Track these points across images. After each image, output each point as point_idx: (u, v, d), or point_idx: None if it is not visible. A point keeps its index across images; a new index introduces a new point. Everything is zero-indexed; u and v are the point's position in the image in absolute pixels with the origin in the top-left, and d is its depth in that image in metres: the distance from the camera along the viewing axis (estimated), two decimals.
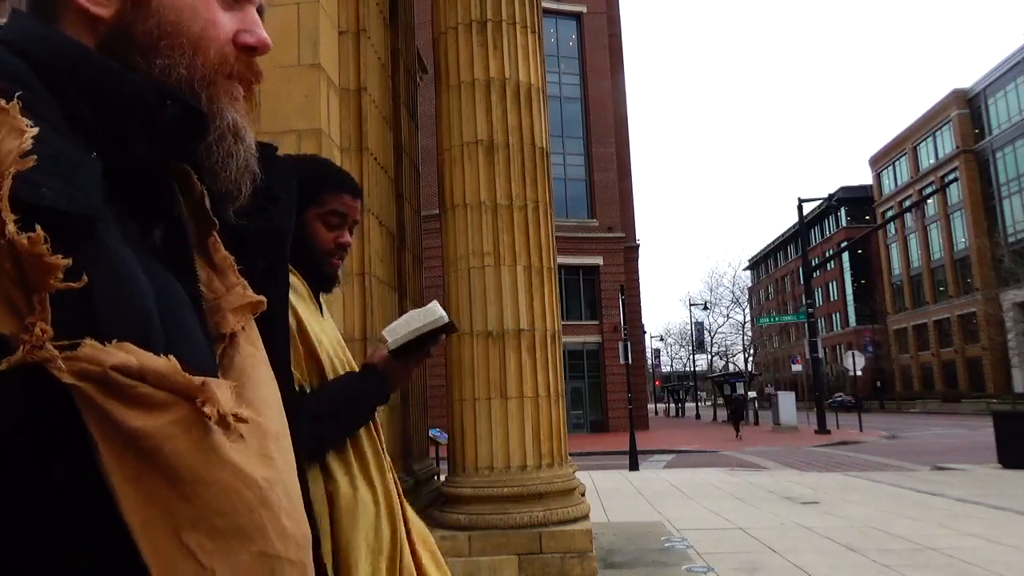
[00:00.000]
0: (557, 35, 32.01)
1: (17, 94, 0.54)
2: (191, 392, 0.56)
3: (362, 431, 1.56)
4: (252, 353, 0.70)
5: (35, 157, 0.51)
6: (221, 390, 0.60)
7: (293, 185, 0.93)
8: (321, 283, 1.64)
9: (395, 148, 5.86)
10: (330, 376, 1.54)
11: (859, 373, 27.07)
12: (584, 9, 32.64)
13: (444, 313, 1.63)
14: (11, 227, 0.49)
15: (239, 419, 0.60)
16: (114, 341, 0.53)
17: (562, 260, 12.64)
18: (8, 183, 0.49)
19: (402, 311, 5.72)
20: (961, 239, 48.35)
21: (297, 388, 1.45)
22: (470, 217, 5.44)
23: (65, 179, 0.53)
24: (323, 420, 1.44)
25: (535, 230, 5.49)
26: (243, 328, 0.71)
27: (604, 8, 33.42)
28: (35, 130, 0.52)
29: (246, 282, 0.73)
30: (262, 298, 0.73)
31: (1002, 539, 6.66)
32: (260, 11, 0.75)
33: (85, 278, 0.52)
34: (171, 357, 0.56)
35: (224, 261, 0.73)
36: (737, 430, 26.77)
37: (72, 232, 0.52)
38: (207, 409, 0.56)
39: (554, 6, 31.13)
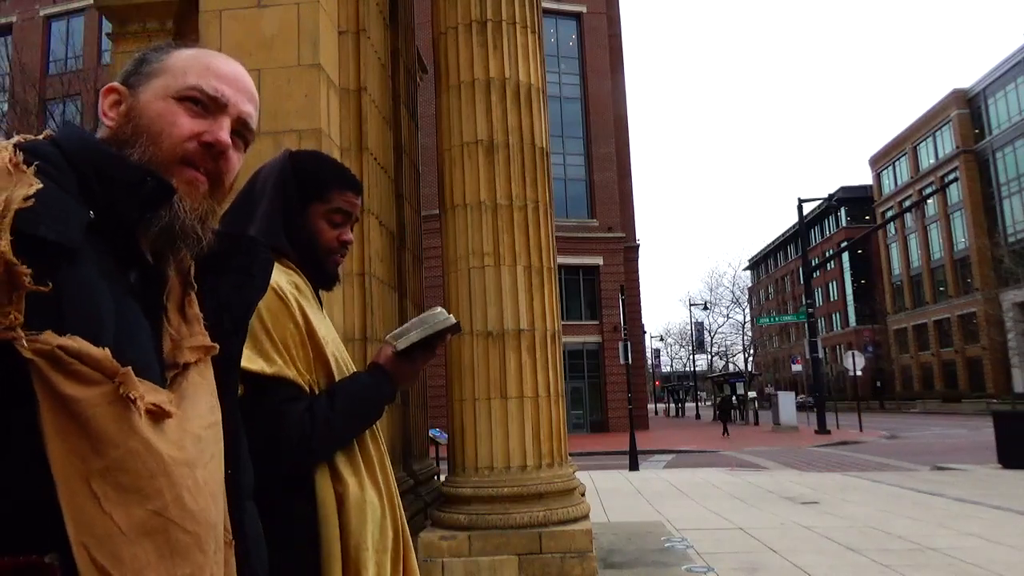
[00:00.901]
0: (557, 35, 32.01)
1: (35, 163, 0.79)
2: (114, 374, 0.76)
3: (367, 431, 1.56)
4: (199, 382, 0.91)
5: (35, 201, 0.75)
6: (144, 384, 0.80)
7: (269, 270, 1.16)
8: (323, 281, 1.64)
9: (395, 148, 5.87)
10: (336, 376, 1.54)
11: (859, 373, 27.06)
12: (584, 9, 32.64)
13: (450, 315, 1.65)
14: (4, 243, 0.71)
15: (159, 409, 0.80)
16: (67, 334, 0.74)
17: (562, 260, 12.64)
18: (12, 215, 0.72)
19: (402, 311, 5.72)
20: (961, 239, 48.36)
21: (307, 389, 1.47)
22: (470, 217, 5.44)
23: (57, 220, 0.76)
24: (336, 420, 1.45)
25: (535, 230, 5.48)
26: (196, 363, 0.92)
27: (604, 8, 33.42)
28: (40, 185, 0.76)
29: (208, 334, 0.96)
30: (215, 345, 0.96)
31: (1002, 539, 6.66)
32: (246, 127, 1.02)
33: (50, 284, 0.73)
34: (106, 348, 0.76)
35: (194, 316, 0.96)
36: (725, 429, 28.07)
37: (57, 256, 0.75)
38: (122, 389, 0.76)
39: (554, 6, 31.13)
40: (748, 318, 60.11)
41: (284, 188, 1.59)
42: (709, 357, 63.75)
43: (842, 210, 62.01)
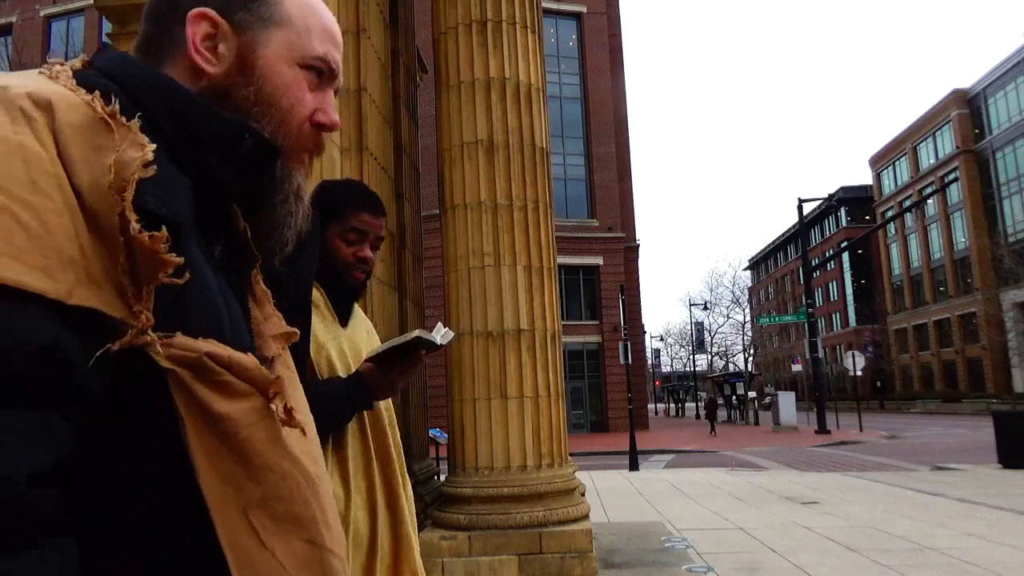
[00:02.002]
0: (557, 35, 32.00)
1: (138, 114, 0.64)
2: (266, 385, 0.65)
3: (349, 436, 1.60)
4: (288, 376, 0.78)
5: (155, 168, 0.61)
6: (289, 391, 0.69)
7: (317, 235, 1.06)
8: (343, 293, 1.76)
9: (395, 148, 5.87)
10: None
11: (859, 373, 27.06)
12: (584, 9, 32.63)
13: (436, 329, 1.64)
14: (135, 227, 0.58)
15: (299, 423, 0.69)
16: (199, 337, 0.62)
17: (562, 260, 12.64)
18: (133, 188, 0.59)
19: (402, 311, 5.72)
20: (961, 239, 48.34)
21: None
22: (470, 217, 5.44)
23: (164, 190, 0.63)
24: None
25: (535, 230, 5.48)
26: (281, 353, 0.80)
27: (604, 8, 33.41)
28: (154, 145, 0.62)
29: (280, 314, 0.82)
30: (296, 330, 0.82)
31: (1002, 539, 6.66)
32: (336, 91, 0.85)
33: (188, 275, 0.61)
34: (250, 354, 0.65)
35: (263, 294, 0.82)
36: (712, 427, 29.61)
37: (171, 237, 0.61)
38: (276, 403, 0.66)
39: (554, 6, 31.12)
40: (748, 318, 60.12)
41: None
42: (709, 357, 63.75)
43: (842, 210, 61.97)
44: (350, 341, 1.73)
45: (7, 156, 0.56)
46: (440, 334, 1.62)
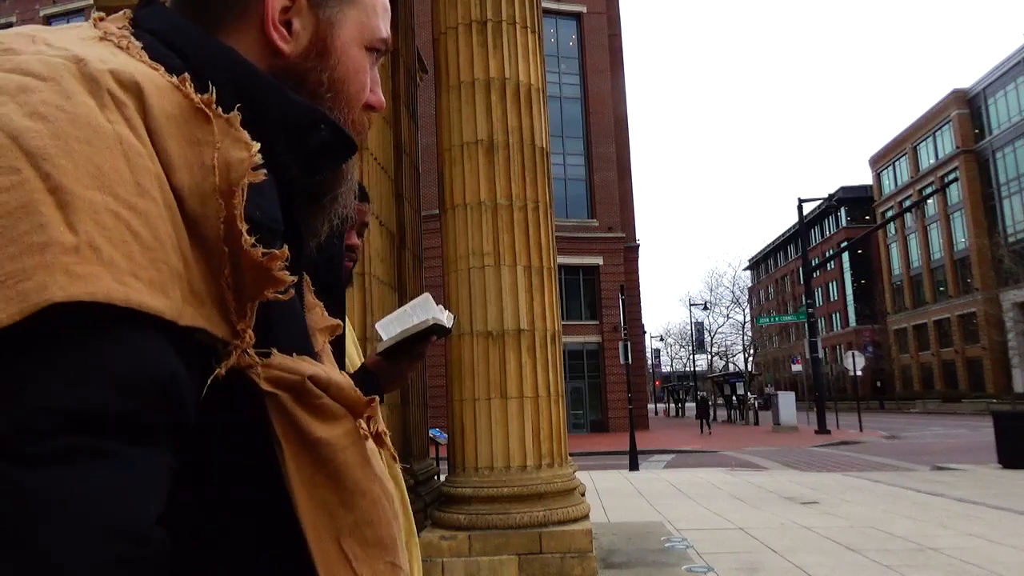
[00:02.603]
0: (557, 35, 31.99)
1: (237, 106, 0.56)
2: (362, 408, 0.61)
3: None
4: (336, 373, 0.74)
5: (265, 171, 0.54)
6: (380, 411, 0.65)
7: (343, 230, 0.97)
8: (332, 286, 1.66)
9: (395, 148, 5.87)
10: None
11: (859, 373, 27.06)
12: (584, 9, 32.63)
13: (438, 311, 1.56)
14: (248, 239, 0.52)
15: (384, 443, 0.65)
16: (293, 354, 0.57)
17: (562, 260, 12.64)
18: (244, 194, 0.52)
19: None
20: (961, 239, 48.34)
21: None
22: (470, 217, 5.44)
23: (262, 195, 0.55)
24: None
25: (535, 230, 5.48)
26: (323, 347, 0.74)
27: (604, 8, 33.41)
28: (258, 144, 0.54)
29: (321, 303, 0.77)
30: (339, 322, 0.77)
31: (1002, 539, 6.66)
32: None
33: (291, 291, 0.55)
34: (345, 374, 0.61)
35: (305, 283, 0.74)
36: (702, 427, 30.53)
37: (267, 247, 0.54)
38: (369, 425, 0.62)
39: (554, 6, 31.12)
40: (748, 318, 60.08)
41: None
42: (709, 357, 63.70)
43: (842, 210, 61.98)
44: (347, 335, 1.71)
45: (106, 151, 0.47)
46: (445, 315, 1.55)
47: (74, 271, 0.44)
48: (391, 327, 1.58)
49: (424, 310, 1.55)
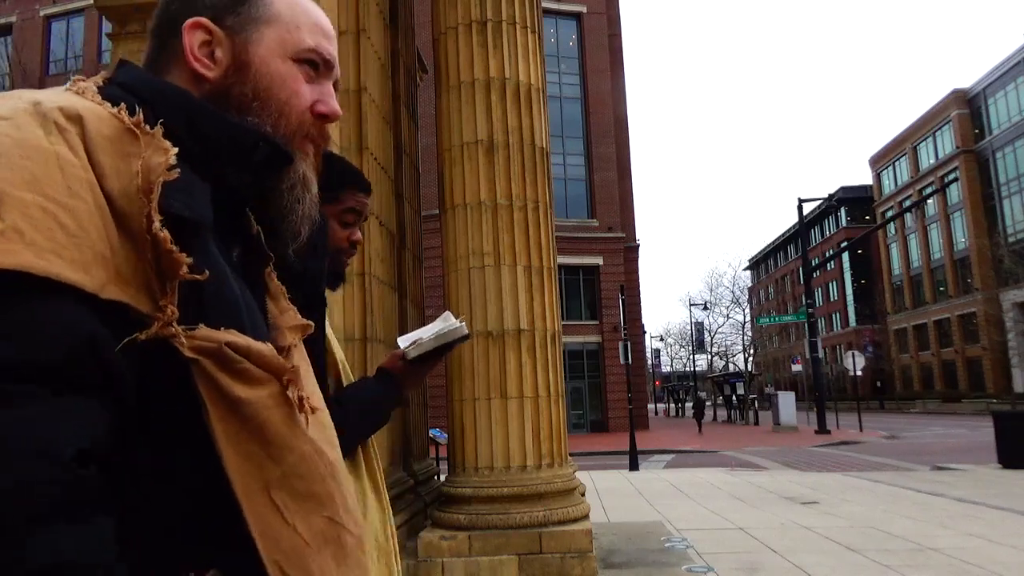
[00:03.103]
0: (557, 35, 31.99)
1: (160, 120, 0.69)
2: (282, 372, 0.70)
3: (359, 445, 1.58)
4: (305, 368, 0.82)
5: (178, 171, 0.66)
6: (305, 379, 0.75)
7: (327, 231, 1.12)
8: (331, 281, 1.63)
9: (395, 148, 5.87)
10: (343, 379, 1.55)
11: (859, 373, 27.05)
12: (584, 9, 32.62)
13: (461, 323, 1.63)
14: (157, 225, 0.63)
15: (312, 408, 0.73)
16: (221, 328, 0.67)
17: (562, 260, 12.64)
18: (159, 189, 0.64)
19: (402, 311, 5.71)
20: (961, 239, 48.33)
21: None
22: (470, 217, 5.44)
23: (186, 193, 0.67)
24: (349, 425, 1.45)
25: (535, 230, 5.48)
26: (295, 344, 0.84)
27: (604, 8, 33.40)
28: (176, 149, 0.67)
29: (295, 308, 0.87)
30: (310, 323, 0.87)
31: (1002, 539, 6.66)
32: (335, 85, 0.89)
33: (206, 272, 0.66)
34: (268, 343, 0.70)
35: (278, 289, 0.86)
36: (700, 426, 32.35)
37: (189, 236, 0.66)
38: (291, 391, 0.70)
39: (554, 6, 31.11)
40: (748, 318, 60.05)
41: None
42: (709, 357, 63.67)
43: (842, 210, 61.97)
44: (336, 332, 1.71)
45: (45, 164, 0.60)
46: (460, 323, 1.61)
47: None
48: (423, 338, 1.62)
49: (451, 324, 1.61)
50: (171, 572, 0.65)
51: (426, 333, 1.63)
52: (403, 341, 1.65)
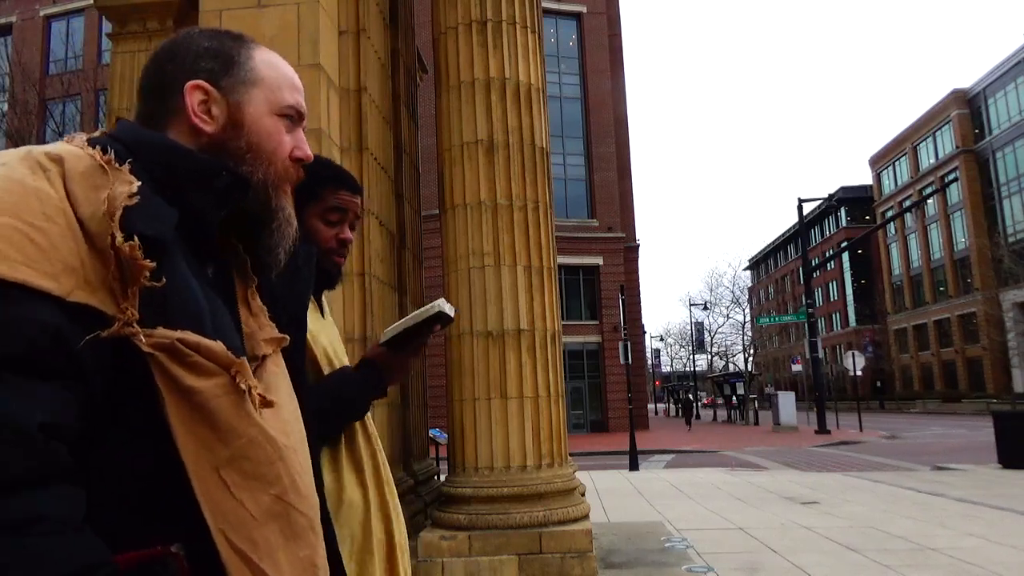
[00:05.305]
0: (557, 35, 31.99)
1: (128, 159, 0.82)
2: (230, 364, 0.79)
3: (359, 434, 1.55)
4: (276, 372, 0.95)
5: (139, 197, 0.78)
6: (271, 379, 0.89)
7: (313, 260, 1.26)
8: (323, 280, 1.63)
9: (395, 148, 5.86)
10: (325, 371, 1.54)
11: (859, 373, 27.05)
12: (584, 9, 32.62)
13: (445, 306, 1.59)
14: (119, 238, 0.75)
15: (264, 400, 0.83)
16: (178, 330, 0.77)
17: (562, 260, 12.63)
18: (120, 212, 0.76)
19: (402, 311, 5.71)
20: (961, 239, 48.33)
21: None
22: (470, 217, 5.44)
23: (151, 216, 0.79)
24: (319, 414, 1.44)
25: (535, 230, 5.48)
26: (271, 354, 0.96)
27: (604, 8, 33.40)
28: (139, 182, 0.80)
29: (274, 325, 1.00)
30: (285, 336, 1.00)
31: (1002, 539, 6.66)
32: (304, 129, 1.04)
33: (164, 279, 0.77)
34: (219, 340, 0.80)
35: (259, 308, 0.99)
36: (688, 424, 34.44)
37: (153, 251, 0.77)
38: (239, 379, 0.79)
39: (554, 6, 31.11)
40: (748, 318, 60.04)
41: None
42: (709, 357, 63.68)
43: (842, 210, 61.97)
44: (333, 333, 1.67)
45: (25, 196, 0.74)
46: (447, 305, 1.59)
47: None
48: (396, 326, 1.61)
49: (430, 307, 1.58)
50: (139, 547, 0.74)
51: (409, 319, 1.60)
52: (386, 332, 1.63)
